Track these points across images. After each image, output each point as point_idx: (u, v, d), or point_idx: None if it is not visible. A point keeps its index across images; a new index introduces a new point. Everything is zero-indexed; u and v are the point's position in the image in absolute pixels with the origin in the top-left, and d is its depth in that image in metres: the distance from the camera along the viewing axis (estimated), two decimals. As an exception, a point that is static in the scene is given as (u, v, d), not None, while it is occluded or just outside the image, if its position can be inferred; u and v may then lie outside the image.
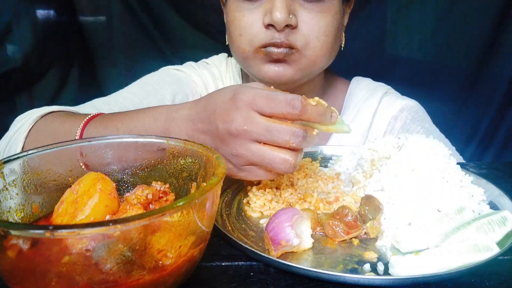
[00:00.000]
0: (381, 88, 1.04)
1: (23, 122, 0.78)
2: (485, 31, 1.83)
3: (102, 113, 0.74)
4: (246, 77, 1.08)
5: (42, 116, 0.79)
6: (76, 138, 0.69)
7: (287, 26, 0.79)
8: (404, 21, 1.93)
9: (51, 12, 1.87)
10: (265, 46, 0.82)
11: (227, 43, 0.93)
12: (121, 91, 1.01)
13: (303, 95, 0.57)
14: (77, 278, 0.34)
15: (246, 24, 0.83)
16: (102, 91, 1.88)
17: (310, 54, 0.83)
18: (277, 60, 0.83)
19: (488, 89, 1.91)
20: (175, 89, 1.02)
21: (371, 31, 1.91)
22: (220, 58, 1.12)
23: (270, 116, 0.56)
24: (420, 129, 0.97)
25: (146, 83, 1.03)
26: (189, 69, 1.08)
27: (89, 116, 0.72)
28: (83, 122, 0.70)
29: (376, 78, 1.10)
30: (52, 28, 1.87)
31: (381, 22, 1.95)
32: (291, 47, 0.81)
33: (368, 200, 0.57)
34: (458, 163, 0.63)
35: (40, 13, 1.87)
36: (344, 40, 0.93)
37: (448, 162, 0.62)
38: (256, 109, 0.56)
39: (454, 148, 0.96)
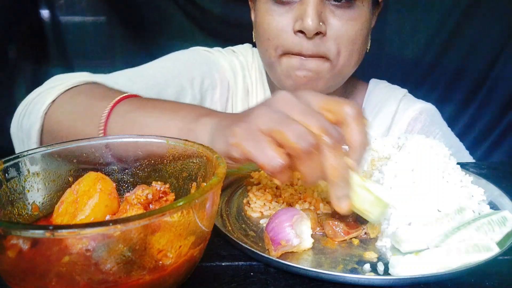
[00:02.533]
0: (399, 90, 1.06)
1: (57, 84, 0.76)
2: (497, 31, 1.82)
3: (128, 97, 0.70)
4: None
5: (75, 86, 0.77)
6: (102, 122, 0.66)
7: (316, 34, 0.79)
8: (413, 23, 1.91)
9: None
10: (292, 53, 0.82)
11: (253, 39, 0.93)
12: (152, 63, 0.98)
13: None
14: (77, 278, 0.34)
15: (276, 28, 0.82)
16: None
17: (339, 64, 0.84)
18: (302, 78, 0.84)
19: (499, 90, 1.90)
20: (205, 72, 1.00)
21: (380, 32, 1.90)
22: (246, 48, 1.10)
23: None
24: (439, 131, 0.98)
25: (178, 59, 1.00)
26: (218, 53, 1.06)
27: (115, 100, 0.68)
28: (110, 106, 0.68)
29: (388, 80, 1.11)
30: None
31: (389, 23, 1.93)
32: (323, 57, 0.81)
33: (368, 200, 0.57)
34: (458, 163, 0.63)
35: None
36: (370, 42, 0.91)
37: (448, 162, 0.62)
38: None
39: (468, 152, 0.97)
